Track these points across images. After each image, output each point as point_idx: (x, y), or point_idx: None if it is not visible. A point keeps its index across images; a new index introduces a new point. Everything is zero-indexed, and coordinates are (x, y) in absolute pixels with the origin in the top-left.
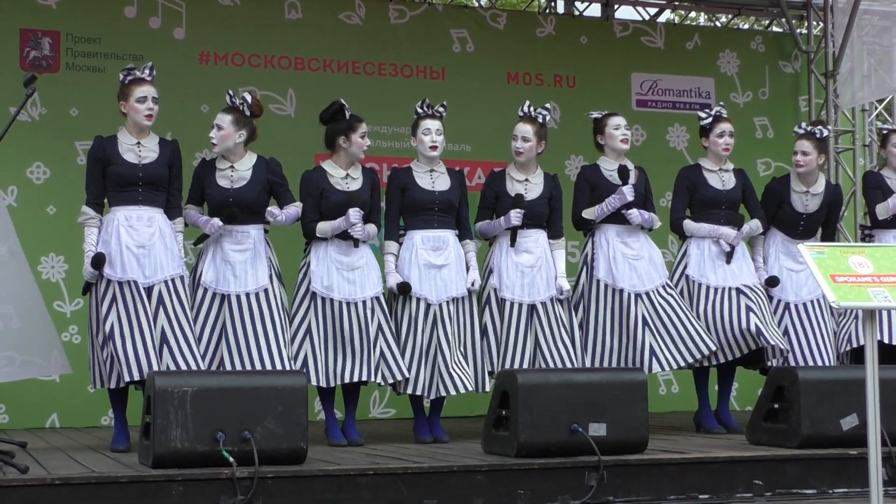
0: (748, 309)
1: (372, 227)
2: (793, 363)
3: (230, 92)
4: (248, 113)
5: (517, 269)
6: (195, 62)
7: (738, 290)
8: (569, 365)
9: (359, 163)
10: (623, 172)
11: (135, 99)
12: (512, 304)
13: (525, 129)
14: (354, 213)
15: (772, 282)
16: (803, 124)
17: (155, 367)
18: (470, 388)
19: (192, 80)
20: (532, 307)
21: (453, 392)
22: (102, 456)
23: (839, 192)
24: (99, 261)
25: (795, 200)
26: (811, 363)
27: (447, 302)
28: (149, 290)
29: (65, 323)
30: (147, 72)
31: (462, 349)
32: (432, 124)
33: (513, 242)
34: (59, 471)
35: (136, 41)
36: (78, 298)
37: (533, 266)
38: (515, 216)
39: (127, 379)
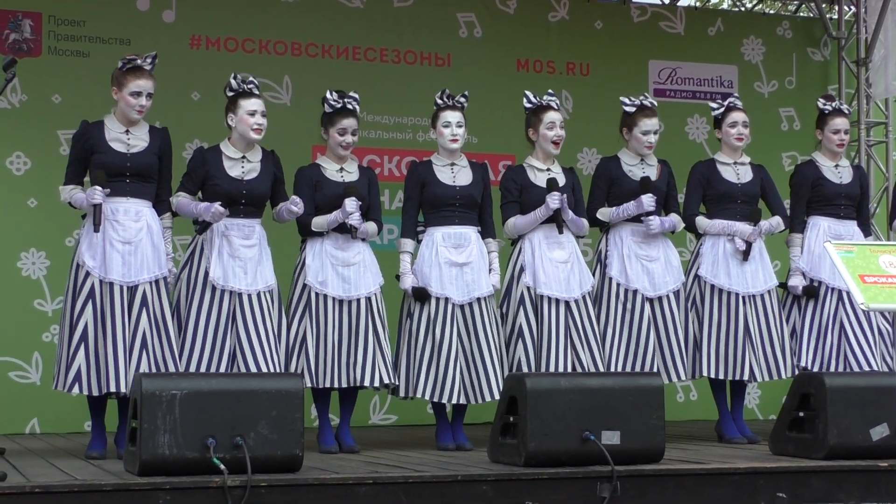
0: (748, 342)
1: (371, 226)
2: (853, 362)
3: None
4: None
5: (552, 265)
6: (185, 47)
7: (747, 301)
8: (600, 366)
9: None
10: (645, 183)
11: (129, 92)
12: (550, 301)
13: (558, 117)
14: (350, 203)
15: (810, 292)
16: (832, 102)
17: (129, 375)
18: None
19: (182, 65)
20: (567, 304)
21: (489, 398)
22: (85, 463)
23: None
24: (99, 178)
25: (829, 175)
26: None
27: (473, 302)
28: (132, 289)
29: (46, 323)
30: (149, 60)
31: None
32: (453, 116)
33: (560, 229)
34: (39, 478)
35: (123, 24)
36: (60, 297)
37: (566, 262)
38: (554, 199)
39: (96, 393)
